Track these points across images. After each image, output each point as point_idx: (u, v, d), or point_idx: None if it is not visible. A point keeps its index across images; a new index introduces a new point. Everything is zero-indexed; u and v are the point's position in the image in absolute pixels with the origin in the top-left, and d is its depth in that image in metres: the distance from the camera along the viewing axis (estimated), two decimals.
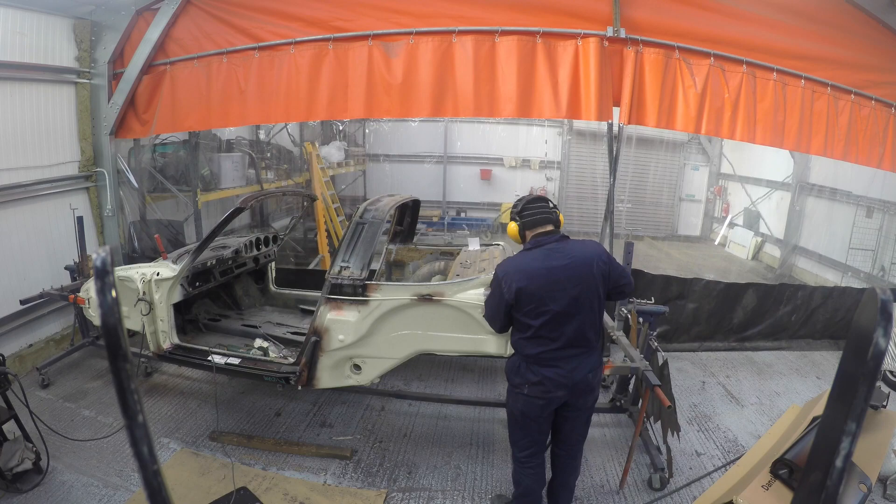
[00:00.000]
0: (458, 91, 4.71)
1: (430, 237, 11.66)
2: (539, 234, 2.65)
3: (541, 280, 2.50)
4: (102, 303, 0.75)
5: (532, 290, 2.50)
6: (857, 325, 1.00)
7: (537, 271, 2.52)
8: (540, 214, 2.67)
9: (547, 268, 2.52)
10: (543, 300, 2.50)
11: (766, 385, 4.92)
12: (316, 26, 4.84)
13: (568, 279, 2.50)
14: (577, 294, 2.50)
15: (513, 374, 2.70)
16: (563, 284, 2.50)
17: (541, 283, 2.50)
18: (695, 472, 3.59)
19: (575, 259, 2.54)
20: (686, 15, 4.66)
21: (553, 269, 2.51)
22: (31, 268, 4.79)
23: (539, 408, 2.65)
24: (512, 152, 12.51)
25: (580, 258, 2.55)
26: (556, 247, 2.59)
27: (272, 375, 3.49)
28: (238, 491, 3.22)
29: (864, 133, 4.98)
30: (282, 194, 8.51)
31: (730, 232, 11.42)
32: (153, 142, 6.43)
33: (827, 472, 0.97)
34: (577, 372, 2.58)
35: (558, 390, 2.59)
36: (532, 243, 2.64)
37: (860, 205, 7.58)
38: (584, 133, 12.07)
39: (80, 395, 4.30)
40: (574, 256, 2.55)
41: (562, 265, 2.52)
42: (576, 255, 2.55)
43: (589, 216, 12.18)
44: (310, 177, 9.52)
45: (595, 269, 2.54)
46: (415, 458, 3.65)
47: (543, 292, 2.50)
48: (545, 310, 2.50)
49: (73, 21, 5.11)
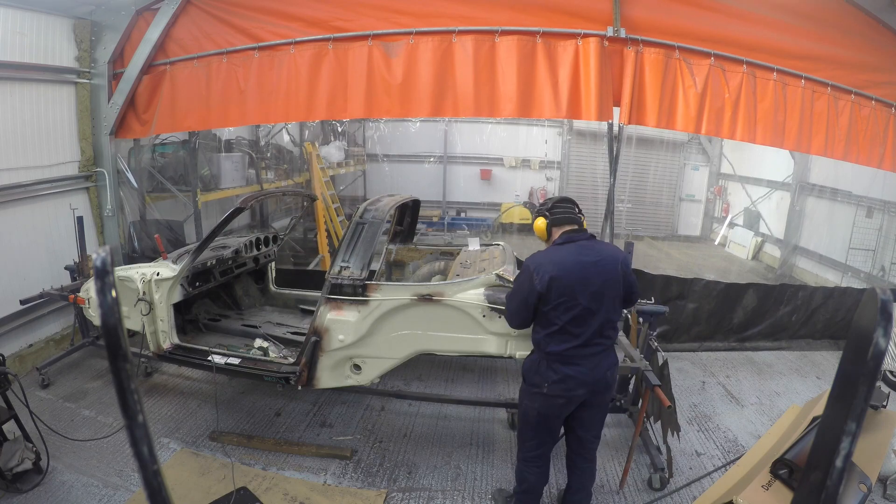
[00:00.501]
0: (458, 91, 4.71)
1: (430, 237, 11.65)
2: (568, 231, 2.72)
3: (575, 274, 2.55)
4: (102, 303, 0.75)
5: (566, 283, 2.53)
6: (857, 325, 1.00)
7: (572, 265, 2.56)
8: (570, 213, 2.77)
9: (580, 262, 2.57)
10: (575, 294, 2.53)
11: (766, 385, 4.92)
12: (316, 26, 4.84)
13: (598, 275, 2.56)
14: (604, 291, 2.57)
15: (532, 374, 2.70)
16: (594, 280, 2.55)
17: (575, 276, 2.54)
18: (695, 472, 3.59)
19: (604, 257, 2.62)
20: (686, 14, 4.66)
21: (585, 265, 2.56)
22: (31, 268, 4.79)
23: (559, 407, 2.67)
24: (512, 152, 12.51)
25: (609, 257, 2.63)
26: (587, 244, 2.66)
27: (272, 375, 3.49)
28: (238, 491, 3.22)
29: (864, 133, 4.98)
30: (282, 194, 8.51)
31: (730, 232, 11.42)
32: (153, 142, 6.43)
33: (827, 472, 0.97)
34: (597, 370, 2.62)
35: (579, 388, 2.62)
36: (563, 238, 2.69)
37: (860, 205, 7.58)
38: (584, 133, 12.07)
39: (80, 395, 4.30)
40: (604, 255, 2.63)
41: (592, 261, 2.58)
42: (605, 254, 2.64)
43: (589, 216, 12.15)
44: (310, 177, 9.52)
45: (620, 269, 2.63)
46: (415, 458, 3.65)
47: (576, 285, 2.53)
48: (575, 303, 2.53)
49: (73, 21, 5.11)
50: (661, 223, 12.63)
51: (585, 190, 12.03)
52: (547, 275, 2.53)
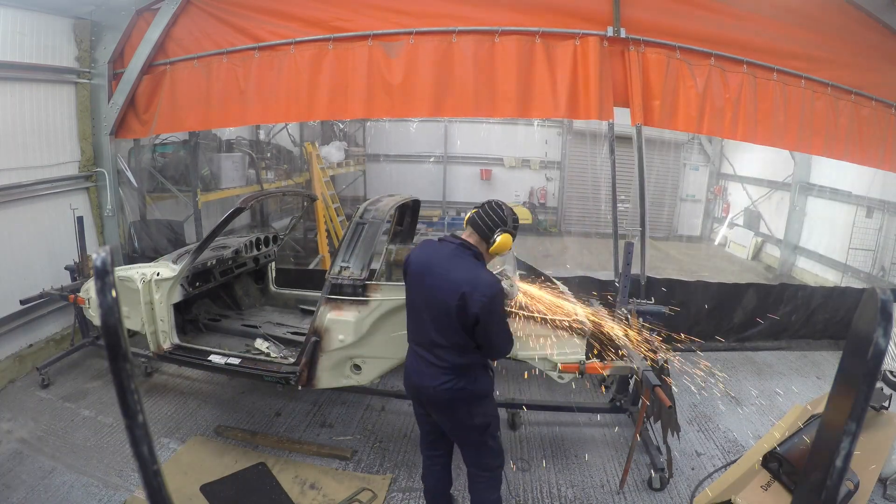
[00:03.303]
0: (458, 91, 4.71)
1: (429, 237, 11.64)
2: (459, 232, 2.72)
3: (421, 265, 2.60)
4: (102, 303, 0.75)
5: (413, 271, 2.59)
6: (856, 325, 1.00)
7: (424, 256, 2.61)
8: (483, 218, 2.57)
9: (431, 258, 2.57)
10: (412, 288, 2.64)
11: (766, 385, 4.92)
12: (316, 26, 4.84)
13: (433, 284, 2.59)
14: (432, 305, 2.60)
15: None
16: (428, 284, 2.59)
17: (420, 267, 2.59)
18: (695, 472, 3.58)
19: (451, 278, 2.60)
20: (686, 15, 4.66)
21: (432, 264, 2.58)
22: (32, 268, 4.79)
23: None
24: (512, 152, 12.51)
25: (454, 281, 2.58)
26: (452, 250, 2.59)
27: (272, 375, 3.49)
28: (257, 466, 3.42)
29: (864, 133, 4.98)
30: (282, 194, 8.51)
31: (730, 232, 11.42)
32: (153, 142, 6.43)
33: (827, 472, 0.97)
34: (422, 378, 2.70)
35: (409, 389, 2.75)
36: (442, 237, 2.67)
37: (860, 205, 7.58)
38: (583, 133, 12.06)
39: (80, 395, 4.30)
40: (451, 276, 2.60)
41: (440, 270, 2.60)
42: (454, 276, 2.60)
43: (589, 216, 12.18)
44: (310, 177, 9.52)
45: (456, 301, 2.56)
46: (415, 458, 3.65)
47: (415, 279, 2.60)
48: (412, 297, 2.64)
49: (74, 21, 5.11)
50: (661, 223, 12.62)
51: (585, 190, 12.03)
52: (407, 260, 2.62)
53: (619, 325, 3.51)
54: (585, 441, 3.90)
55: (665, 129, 4.95)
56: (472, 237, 2.52)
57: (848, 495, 2.31)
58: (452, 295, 2.34)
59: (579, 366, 3.11)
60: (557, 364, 3.10)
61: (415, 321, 2.60)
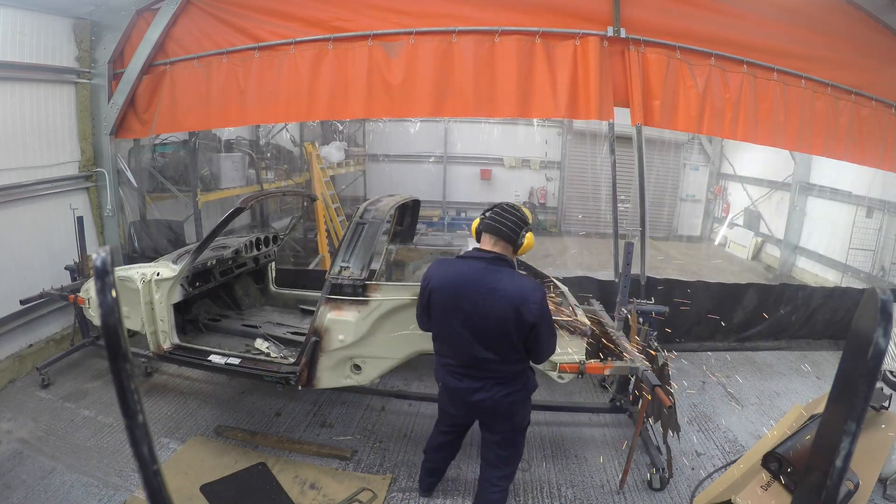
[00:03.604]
0: (458, 91, 4.71)
1: (430, 237, 11.65)
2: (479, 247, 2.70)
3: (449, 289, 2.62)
4: (102, 303, 0.75)
5: (440, 297, 2.60)
6: (856, 325, 1.00)
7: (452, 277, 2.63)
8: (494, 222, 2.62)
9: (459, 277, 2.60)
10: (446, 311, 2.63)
11: (766, 385, 4.92)
12: (316, 26, 4.84)
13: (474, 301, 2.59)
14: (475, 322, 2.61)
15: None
16: (464, 304, 2.60)
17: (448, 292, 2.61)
18: (695, 472, 3.58)
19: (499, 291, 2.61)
20: (686, 15, 4.66)
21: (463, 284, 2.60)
22: (32, 268, 4.79)
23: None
24: (512, 152, 12.51)
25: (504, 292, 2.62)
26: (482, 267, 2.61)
27: (272, 376, 3.49)
28: (257, 466, 3.41)
29: (864, 133, 4.98)
30: (282, 194, 8.52)
31: (730, 232, 11.42)
32: (153, 142, 6.43)
33: (827, 472, 0.97)
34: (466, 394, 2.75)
35: (449, 405, 2.86)
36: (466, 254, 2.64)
37: (860, 205, 7.58)
38: (583, 133, 12.06)
39: (80, 395, 4.30)
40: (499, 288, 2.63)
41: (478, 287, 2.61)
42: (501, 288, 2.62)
43: (589, 216, 12.17)
44: (310, 177, 9.52)
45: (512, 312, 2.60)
46: (415, 458, 3.65)
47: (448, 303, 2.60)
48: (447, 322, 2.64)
49: (73, 21, 5.11)
50: (662, 223, 12.63)
51: (585, 190, 12.03)
52: (427, 283, 2.56)
53: (618, 325, 3.51)
54: (585, 441, 3.90)
55: (665, 129, 4.95)
56: (498, 245, 2.50)
57: (848, 495, 2.31)
58: (507, 310, 2.34)
59: (579, 366, 3.11)
60: (557, 364, 3.10)
61: (450, 343, 2.58)
